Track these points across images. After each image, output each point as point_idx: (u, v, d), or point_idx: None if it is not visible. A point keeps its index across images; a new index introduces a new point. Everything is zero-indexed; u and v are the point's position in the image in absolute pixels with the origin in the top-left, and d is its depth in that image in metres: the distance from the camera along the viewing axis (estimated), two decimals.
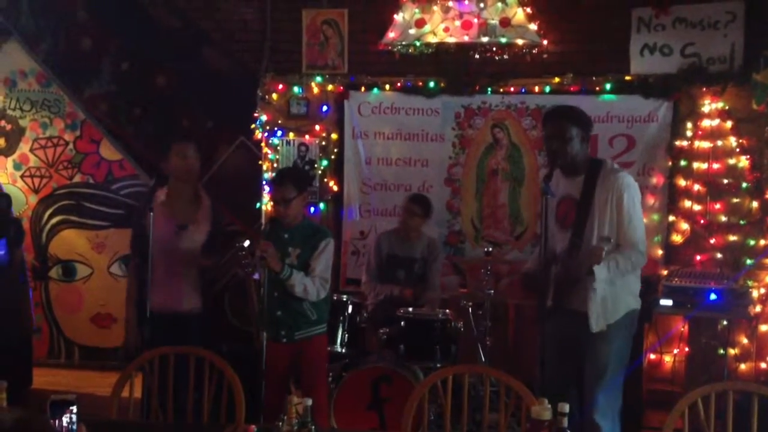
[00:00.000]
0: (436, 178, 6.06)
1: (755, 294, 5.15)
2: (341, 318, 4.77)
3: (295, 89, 6.15)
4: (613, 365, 3.76)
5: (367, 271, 5.39)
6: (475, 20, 5.78)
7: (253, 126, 6.16)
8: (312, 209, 6.11)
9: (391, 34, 5.92)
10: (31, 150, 6.50)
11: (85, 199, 6.45)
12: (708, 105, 5.56)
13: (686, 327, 5.34)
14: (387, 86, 6.04)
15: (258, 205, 6.19)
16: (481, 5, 5.74)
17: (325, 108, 6.15)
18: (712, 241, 5.52)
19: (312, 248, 4.04)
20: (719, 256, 5.48)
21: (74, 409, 2.35)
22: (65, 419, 2.33)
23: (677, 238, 5.65)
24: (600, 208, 3.71)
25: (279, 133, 6.16)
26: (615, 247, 3.71)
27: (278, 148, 6.16)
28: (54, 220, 6.48)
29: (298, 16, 6.15)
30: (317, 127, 6.16)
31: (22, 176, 6.51)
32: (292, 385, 4.63)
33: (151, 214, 3.93)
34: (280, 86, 6.16)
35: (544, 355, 3.57)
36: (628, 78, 5.71)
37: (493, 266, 4.99)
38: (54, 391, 5.78)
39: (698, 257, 5.53)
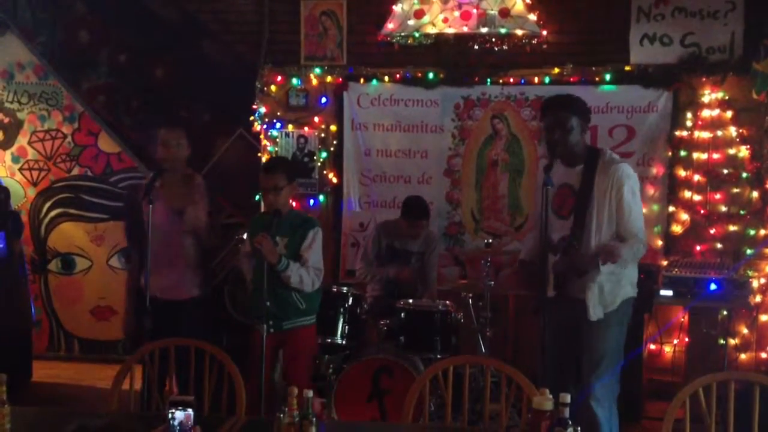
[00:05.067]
0: (435, 169, 6.05)
1: (755, 284, 5.15)
2: (341, 310, 4.76)
3: (294, 81, 6.13)
4: (609, 353, 3.77)
5: (362, 258, 5.41)
6: (474, 11, 5.76)
7: (251, 118, 6.14)
8: (312, 201, 6.10)
9: (390, 25, 5.90)
10: (30, 143, 6.48)
11: (84, 191, 6.44)
12: (708, 95, 5.55)
13: (686, 317, 5.34)
14: (386, 77, 6.02)
15: (257, 197, 6.16)
16: None
17: (324, 99, 6.13)
18: (712, 231, 5.52)
19: (301, 237, 4.01)
20: (719, 246, 5.49)
21: (191, 411, 2.35)
22: (181, 419, 2.33)
23: (677, 229, 5.64)
24: (599, 198, 3.71)
25: (278, 125, 6.15)
26: (615, 237, 3.72)
27: (277, 140, 6.15)
28: (53, 213, 6.47)
29: (296, 7, 6.13)
30: (316, 119, 6.14)
31: (20, 169, 6.49)
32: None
33: (151, 206, 3.90)
34: (279, 78, 6.14)
35: (545, 344, 3.57)
36: (627, 68, 5.70)
37: (493, 257, 4.98)
38: (54, 384, 5.81)
39: (698, 247, 5.53)
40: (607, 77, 5.71)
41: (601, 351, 3.75)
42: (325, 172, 6.15)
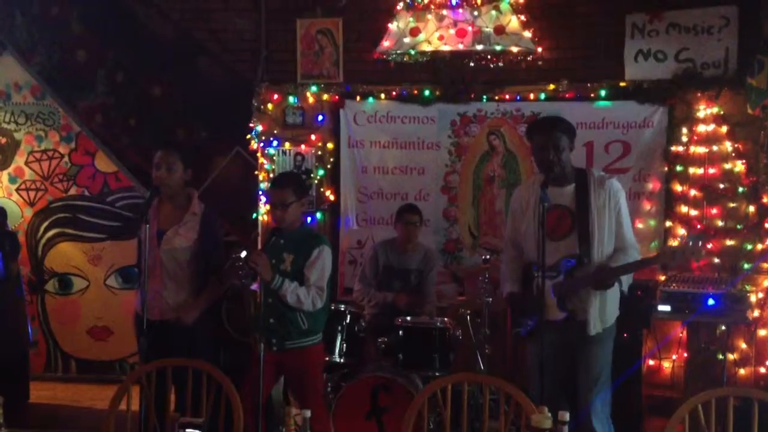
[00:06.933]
0: (432, 186, 6.06)
1: (753, 298, 5.14)
2: (339, 327, 4.75)
3: (291, 99, 6.16)
4: (606, 368, 3.82)
5: (360, 279, 5.39)
6: (470, 28, 5.79)
7: (248, 136, 6.16)
8: (309, 219, 6.10)
9: (386, 43, 5.93)
10: (26, 163, 6.48)
11: (81, 211, 6.43)
12: (703, 110, 5.57)
13: (685, 332, 5.33)
14: (382, 95, 6.05)
15: (254, 215, 6.18)
16: (476, 13, 5.76)
17: (320, 117, 6.15)
18: (710, 246, 5.52)
19: (305, 255, 3.98)
20: (717, 260, 5.49)
21: None
22: None
23: (674, 244, 5.64)
24: (599, 215, 3.73)
25: (275, 142, 6.17)
26: (615, 250, 3.75)
27: (274, 157, 6.17)
28: (50, 233, 6.46)
29: (292, 25, 6.17)
30: (313, 137, 6.16)
31: (17, 189, 6.49)
32: (290, 396, 4.61)
33: (147, 225, 3.88)
34: (276, 96, 6.16)
35: (539, 369, 3.57)
36: (623, 84, 5.73)
37: (491, 274, 4.97)
38: (51, 405, 5.78)
39: (696, 262, 5.52)
40: (603, 93, 5.74)
41: (600, 367, 3.79)
42: (322, 189, 6.16)
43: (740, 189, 5.50)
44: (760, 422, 2.76)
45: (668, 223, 5.67)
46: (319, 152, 6.15)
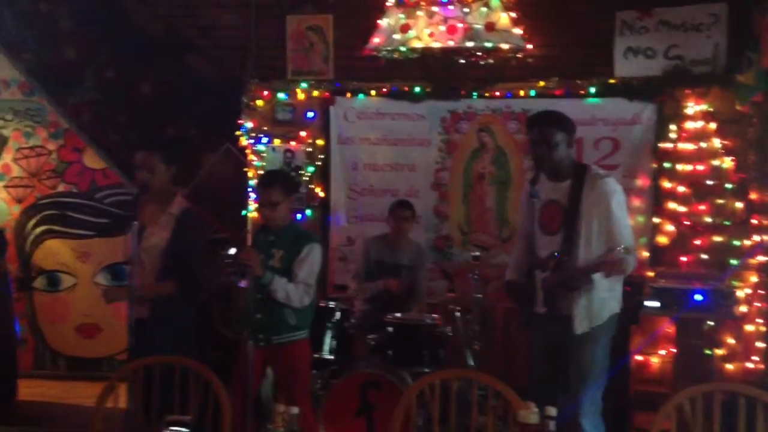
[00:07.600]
0: (422, 183, 6.06)
1: (741, 294, 5.18)
2: (329, 324, 4.75)
3: (281, 95, 6.15)
4: (597, 367, 3.79)
5: (356, 276, 5.41)
6: (460, 25, 5.78)
7: (238, 133, 6.14)
8: (299, 216, 6.09)
9: (376, 40, 5.92)
10: (14, 160, 6.45)
11: (69, 208, 6.40)
12: (692, 107, 5.59)
13: (673, 328, 5.35)
14: (373, 92, 6.04)
15: (244, 212, 6.16)
16: (466, 10, 5.75)
17: (310, 114, 6.14)
18: (698, 242, 5.54)
19: (296, 252, 4.00)
20: (705, 257, 5.51)
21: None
22: None
23: (663, 240, 5.67)
24: (588, 213, 3.71)
25: (264, 139, 6.15)
26: (607, 251, 3.74)
27: (264, 154, 6.15)
28: (38, 230, 6.43)
29: (282, 22, 6.15)
30: (303, 133, 6.15)
31: (5, 186, 6.46)
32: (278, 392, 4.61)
33: (135, 223, 3.87)
34: (266, 92, 6.15)
35: (532, 360, 3.58)
36: (612, 81, 5.73)
37: (481, 270, 4.97)
38: (39, 402, 5.76)
39: (684, 258, 5.55)
40: (592, 90, 5.75)
41: (589, 365, 3.76)
42: (312, 186, 6.15)
43: (728, 185, 5.52)
44: (746, 417, 2.78)
45: (657, 220, 5.68)
46: (309, 149, 6.14)
